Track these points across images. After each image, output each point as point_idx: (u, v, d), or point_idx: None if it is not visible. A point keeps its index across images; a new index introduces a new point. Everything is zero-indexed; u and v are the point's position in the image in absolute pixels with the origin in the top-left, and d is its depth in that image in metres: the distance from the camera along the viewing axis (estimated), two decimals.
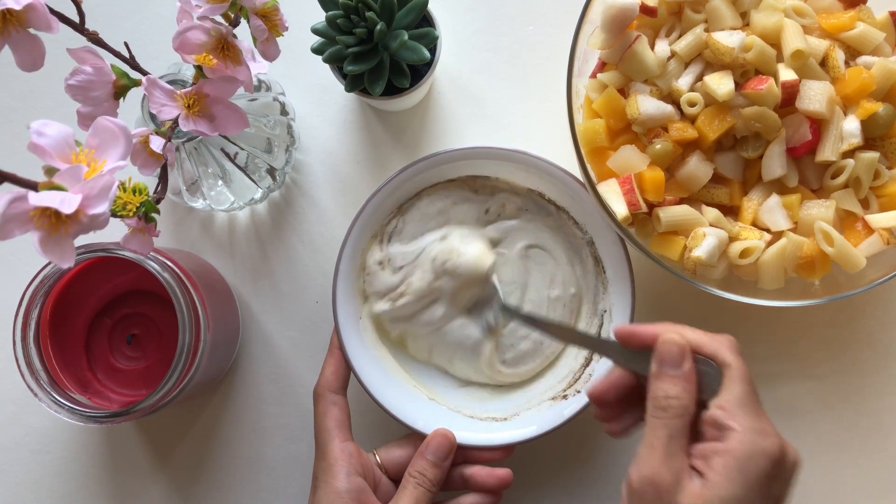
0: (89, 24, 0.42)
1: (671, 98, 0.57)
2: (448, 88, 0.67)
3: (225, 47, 0.43)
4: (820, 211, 0.55)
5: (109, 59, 0.43)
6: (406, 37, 0.54)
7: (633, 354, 0.48)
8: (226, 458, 0.65)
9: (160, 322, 0.59)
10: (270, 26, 0.44)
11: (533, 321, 0.57)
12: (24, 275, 0.54)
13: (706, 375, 0.45)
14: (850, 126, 0.54)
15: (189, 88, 0.44)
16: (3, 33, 0.37)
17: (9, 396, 0.64)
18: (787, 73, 0.54)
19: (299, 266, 0.66)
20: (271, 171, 0.61)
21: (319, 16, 0.55)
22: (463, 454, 0.57)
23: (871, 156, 0.54)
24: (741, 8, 0.56)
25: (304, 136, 0.67)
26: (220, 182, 0.59)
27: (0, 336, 0.58)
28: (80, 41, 0.42)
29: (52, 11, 0.38)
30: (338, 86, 0.59)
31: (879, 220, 0.55)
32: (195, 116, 0.44)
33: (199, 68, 0.44)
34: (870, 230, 0.55)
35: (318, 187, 0.66)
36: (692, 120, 0.55)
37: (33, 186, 0.34)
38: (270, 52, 0.45)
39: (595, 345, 0.54)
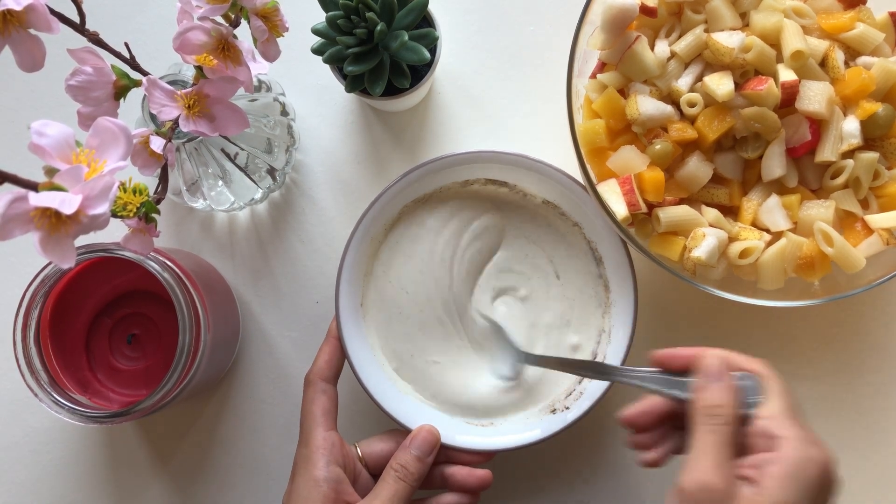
0: (89, 25, 0.42)
1: (671, 98, 0.57)
2: (448, 89, 0.67)
3: (225, 48, 0.43)
4: (819, 211, 0.55)
5: (110, 60, 0.43)
6: (406, 37, 0.54)
7: (664, 380, 0.49)
8: (226, 457, 0.65)
9: (160, 322, 0.59)
10: (271, 27, 0.44)
11: (554, 363, 0.57)
12: (24, 275, 0.54)
13: (746, 391, 0.46)
14: (850, 126, 0.54)
15: (189, 89, 0.44)
16: (4, 34, 0.37)
17: (9, 396, 0.64)
18: (786, 74, 0.54)
19: (299, 266, 0.66)
20: (271, 172, 0.61)
21: (319, 16, 0.55)
22: (444, 454, 0.57)
23: (871, 156, 0.54)
24: (741, 8, 0.56)
25: (305, 136, 0.67)
26: (220, 182, 0.59)
27: (0, 336, 0.58)
28: (81, 42, 0.42)
29: (53, 12, 0.38)
30: (338, 86, 0.59)
31: (879, 220, 0.55)
32: (195, 117, 0.44)
33: (199, 69, 0.44)
34: (869, 230, 0.55)
35: (319, 187, 0.66)
36: (692, 120, 0.55)
37: (34, 187, 0.34)
38: (271, 53, 0.45)
39: (623, 375, 0.52)
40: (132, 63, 0.45)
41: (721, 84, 0.54)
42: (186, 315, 0.53)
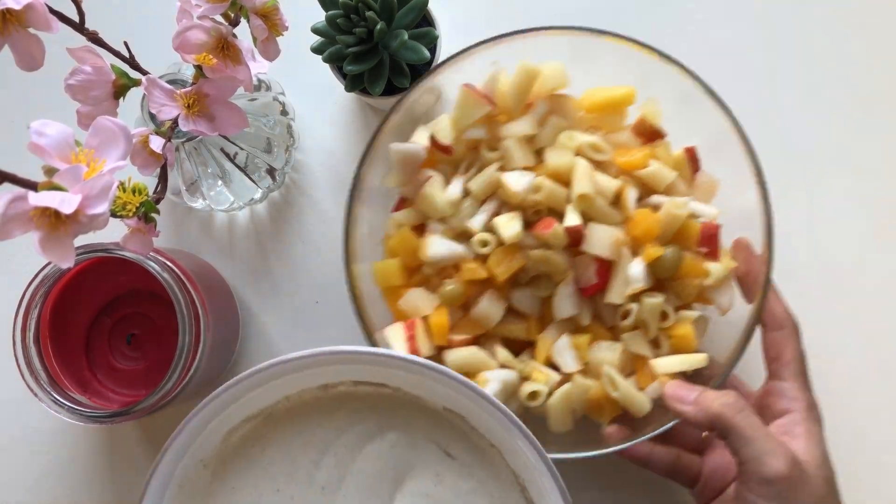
0: (89, 24, 0.42)
1: (467, 237, 0.55)
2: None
3: (225, 47, 0.43)
4: (607, 354, 0.53)
5: (109, 59, 0.43)
6: (406, 36, 0.54)
7: None
8: None
9: (160, 322, 0.59)
10: (270, 26, 0.44)
11: None
12: (23, 275, 0.54)
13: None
14: (635, 270, 0.52)
15: (189, 88, 0.44)
16: (3, 33, 0.37)
17: (9, 396, 0.64)
18: (572, 217, 0.52)
19: (299, 266, 0.65)
20: (271, 171, 0.61)
21: (319, 15, 0.54)
22: None
23: (655, 301, 0.52)
24: (539, 144, 0.55)
25: (304, 135, 0.66)
26: (219, 182, 0.59)
27: (0, 336, 0.58)
28: (80, 41, 0.42)
29: (52, 11, 0.38)
30: (338, 86, 0.59)
31: (661, 365, 0.53)
32: (195, 116, 0.44)
33: (198, 68, 0.44)
34: None
35: (318, 187, 0.66)
36: (484, 259, 0.54)
37: (33, 186, 0.34)
38: (270, 52, 0.45)
39: None
40: (131, 62, 0.44)
41: (509, 225, 0.52)
42: (186, 315, 0.53)
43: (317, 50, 0.56)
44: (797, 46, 0.67)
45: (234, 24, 0.43)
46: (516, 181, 0.53)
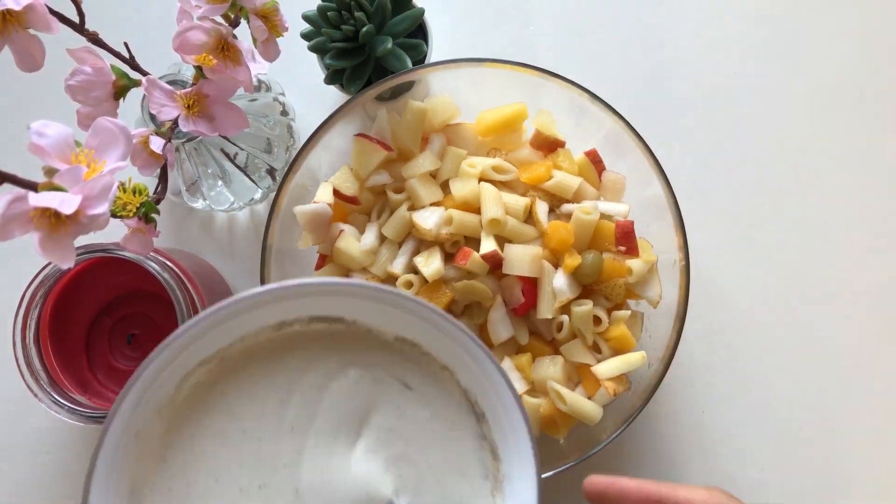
0: (89, 25, 0.42)
1: (392, 281, 0.55)
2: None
3: (225, 48, 0.43)
4: (549, 370, 0.53)
5: (109, 60, 0.43)
6: (390, 44, 0.53)
7: None
8: None
9: (160, 322, 0.59)
10: (270, 27, 0.44)
11: None
12: (24, 275, 0.54)
13: None
14: (559, 283, 0.52)
15: (189, 89, 0.44)
16: (3, 33, 0.37)
17: (9, 396, 0.64)
18: (487, 244, 0.52)
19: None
20: (271, 172, 0.61)
21: None
22: None
23: (584, 309, 0.53)
24: (443, 177, 0.55)
25: (304, 135, 0.66)
26: (219, 182, 0.59)
27: (0, 336, 0.58)
28: (80, 41, 0.42)
29: (52, 12, 0.38)
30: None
31: (602, 371, 0.53)
32: (195, 117, 0.44)
33: (199, 69, 0.44)
34: None
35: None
36: None
37: (33, 187, 0.34)
38: (270, 53, 0.45)
39: None
40: (132, 63, 0.45)
41: (428, 263, 0.52)
42: (186, 315, 0.53)
43: (306, 37, 0.56)
44: (796, 46, 0.67)
45: (234, 24, 0.43)
46: (426, 219, 0.53)
